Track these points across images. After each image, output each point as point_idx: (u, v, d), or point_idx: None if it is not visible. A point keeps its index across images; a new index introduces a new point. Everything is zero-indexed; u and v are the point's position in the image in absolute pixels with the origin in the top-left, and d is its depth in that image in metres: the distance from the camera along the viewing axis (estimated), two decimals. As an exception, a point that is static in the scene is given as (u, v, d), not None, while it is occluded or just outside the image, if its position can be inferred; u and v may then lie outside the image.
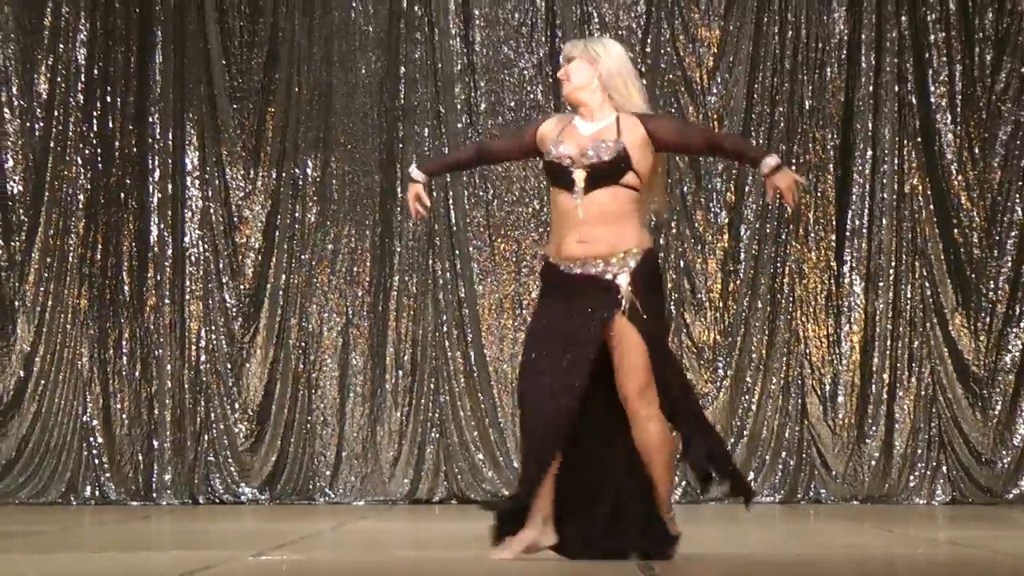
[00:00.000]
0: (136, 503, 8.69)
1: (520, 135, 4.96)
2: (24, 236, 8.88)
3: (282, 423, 8.82)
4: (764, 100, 8.93)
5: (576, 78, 4.78)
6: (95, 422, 8.78)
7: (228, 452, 8.80)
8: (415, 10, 8.98)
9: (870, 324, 8.82)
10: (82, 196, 8.89)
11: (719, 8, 8.96)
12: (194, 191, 8.96)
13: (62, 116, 8.91)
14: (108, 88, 8.93)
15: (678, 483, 8.74)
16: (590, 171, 4.68)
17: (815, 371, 8.82)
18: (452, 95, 8.93)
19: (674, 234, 8.91)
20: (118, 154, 8.91)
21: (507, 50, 8.96)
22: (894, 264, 8.86)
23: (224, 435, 8.81)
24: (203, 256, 8.92)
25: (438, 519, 7.59)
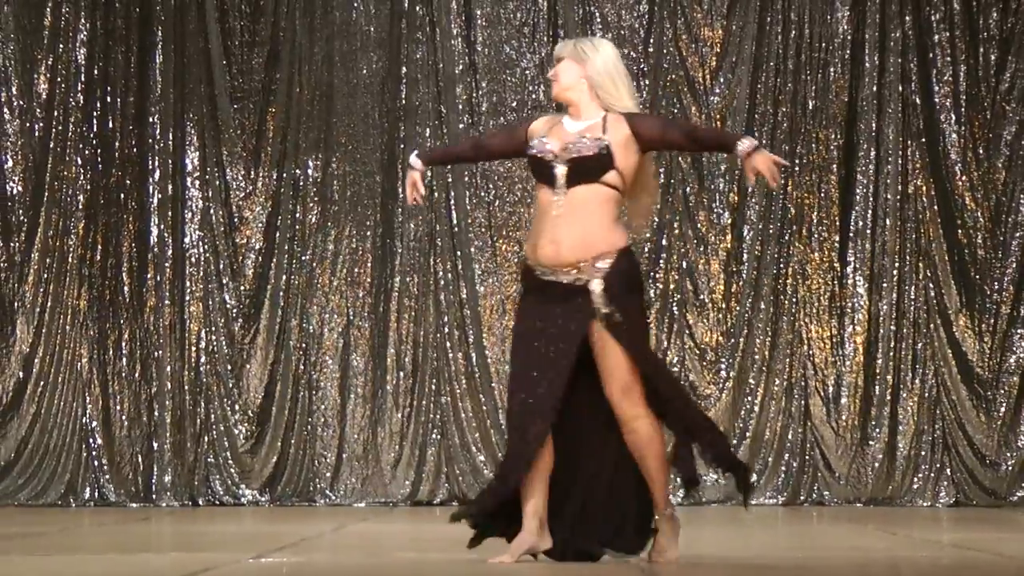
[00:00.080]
0: (136, 505, 8.67)
1: (514, 132, 4.96)
2: (23, 237, 8.86)
3: (282, 424, 8.80)
4: (767, 100, 8.91)
5: (564, 78, 4.78)
6: (95, 423, 8.75)
7: (228, 454, 8.77)
8: (416, 10, 8.95)
9: (873, 325, 8.79)
10: (82, 196, 8.87)
11: (722, 8, 8.94)
12: (194, 192, 8.93)
13: (62, 116, 8.89)
14: (108, 88, 8.90)
15: (679, 485, 8.70)
16: (571, 166, 4.69)
17: (818, 372, 8.80)
18: (454, 95, 8.90)
19: (676, 235, 8.88)
20: (118, 154, 8.89)
21: (509, 50, 8.93)
22: (898, 265, 8.83)
23: (224, 437, 8.78)
24: (203, 257, 8.90)
25: (439, 521, 7.55)
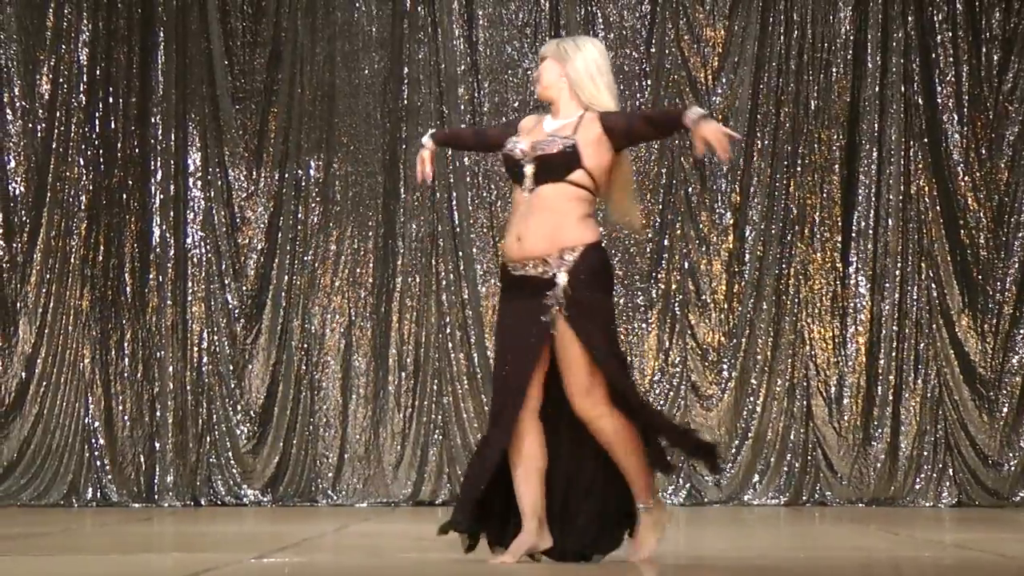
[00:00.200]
0: (138, 505, 8.67)
1: (508, 127, 4.97)
2: (26, 237, 8.86)
3: (284, 425, 8.80)
4: (769, 100, 8.90)
5: (545, 77, 4.81)
6: (97, 424, 8.75)
7: (230, 454, 8.77)
8: (418, 10, 8.96)
9: (876, 326, 8.79)
10: (84, 197, 8.88)
11: (724, 8, 8.94)
12: (196, 192, 8.94)
13: (64, 117, 8.89)
14: (110, 89, 8.91)
15: (681, 486, 8.71)
16: (538, 165, 4.70)
17: (820, 373, 8.79)
18: (455, 96, 8.90)
19: (679, 235, 8.88)
20: (120, 155, 8.90)
21: (510, 50, 8.93)
22: (900, 265, 8.83)
23: (226, 437, 8.78)
24: (205, 257, 8.90)
25: (441, 521, 7.54)
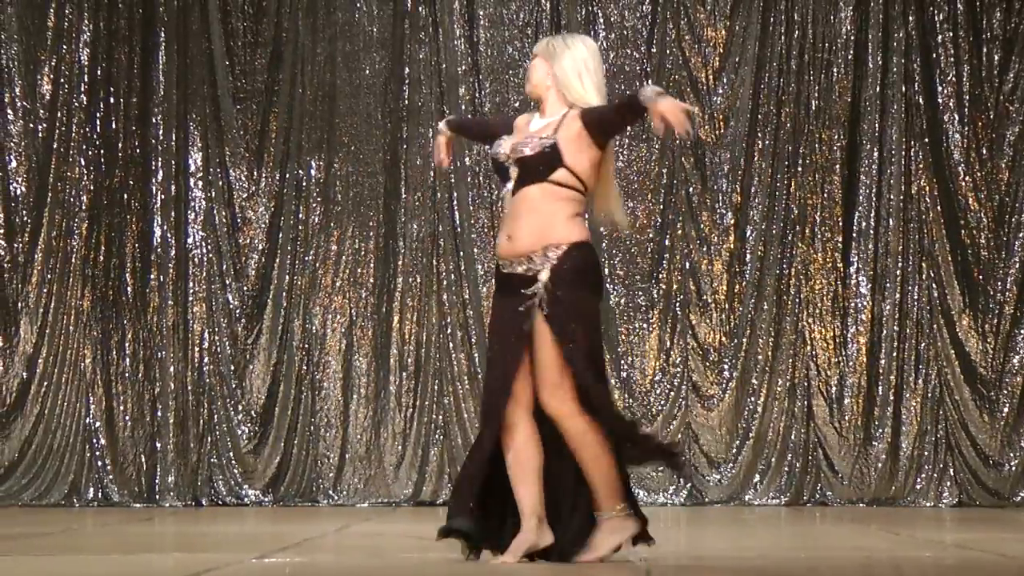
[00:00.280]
0: (139, 505, 8.67)
1: (507, 123, 4.96)
2: (27, 237, 8.86)
3: (285, 425, 8.80)
4: (770, 101, 8.90)
5: (533, 75, 4.81)
6: (98, 424, 8.76)
7: (231, 454, 8.78)
8: (419, 11, 8.96)
9: (877, 326, 8.79)
10: (85, 197, 8.88)
11: (725, 8, 8.94)
12: (197, 192, 8.94)
13: (65, 117, 8.89)
14: (111, 89, 8.91)
15: (682, 486, 8.71)
16: (520, 166, 4.70)
17: (821, 373, 8.79)
18: (456, 96, 8.90)
19: (679, 235, 8.88)
20: (121, 155, 8.90)
21: (511, 51, 8.93)
22: (901, 265, 8.82)
23: (227, 437, 8.78)
24: (206, 257, 8.90)
25: (442, 521, 7.54)
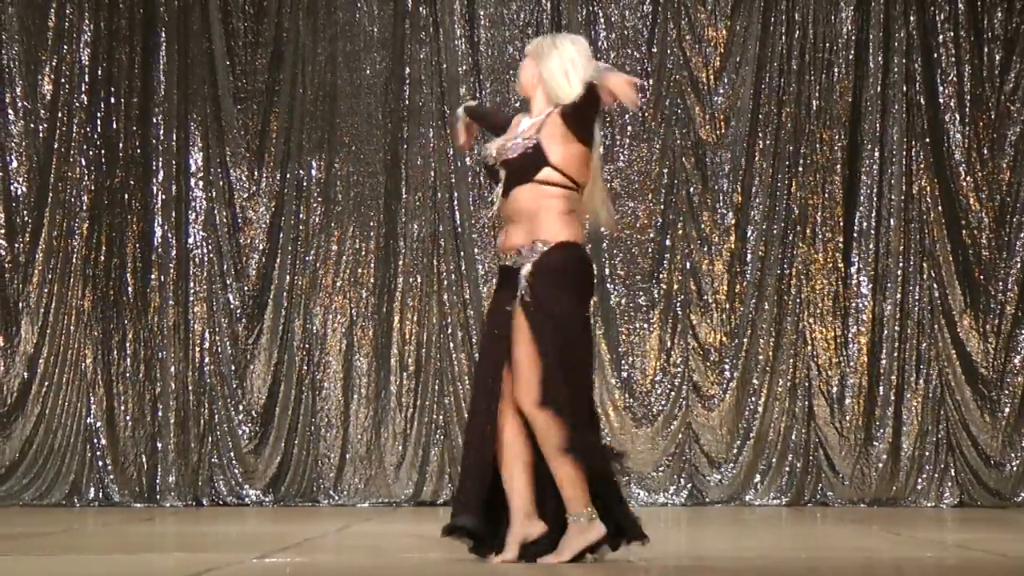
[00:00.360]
0: (140, 505, 8.67)
1: (507, 122, 4.96)
2: (28, 237, 8.86)
3: (286, 425, 8.80)
4: (771, 101, 8.90)
5: (522, 76, 4.83)
6: (99, 424, 8.75)
7: (232, 454, 8.77)
8: (420, 11, 8.95)
9: (878, 326, 8.79)
10: (86, 197, 8.88)
11: (726, 8, 8.93)
12: (198, 192, 8.94)
13: (66, 117, 8.89)
14: (112, 89, 8.91)
15: (682, 486, 8.71)
16: (507, 168, 4.70)
17: (822, 373, 8.79)
18: (457, 96, 8.90)
19: (680, 235, 8.88)
20: (122, 155, 8.90)
21: (512, 51, 8.92)
22: (902, 265, 8.82)
23: (228, 437, 8.78)
24: (207, 257, 8.90)
25: (442, 521, 7.54)
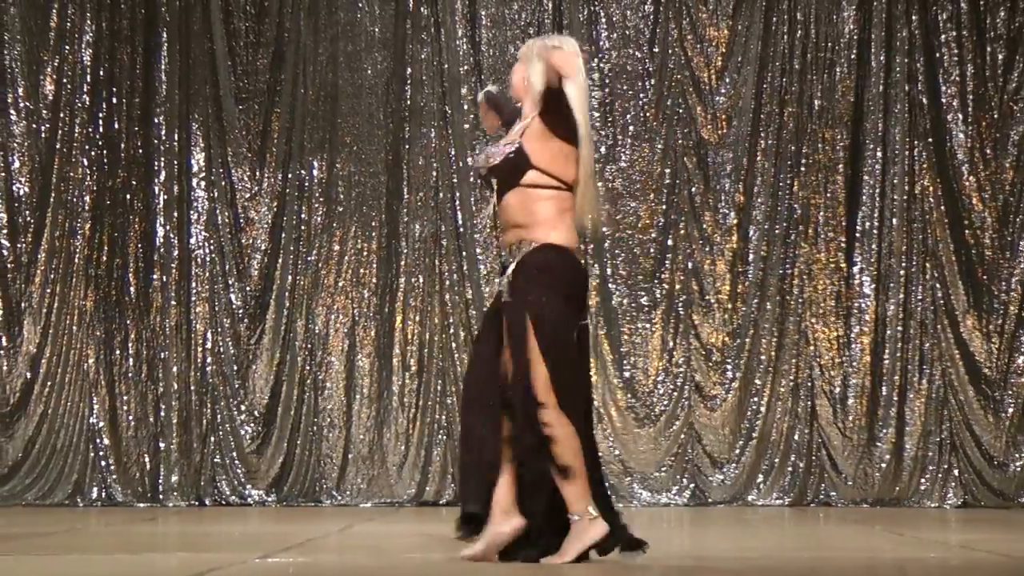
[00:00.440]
0: (142, 505, 8.67)
1: (516, 116, 4.97)
2: (30, 237, 8.87)
3: (288, 425, 8.80)
4: (773, 100, 8.90)
5: (513, 79, 4.84)
6: (101, 424, 8.76)
7: (235, 454, 8.77)
8: (421, 11, 8.95)
9: (880, 326, 8.78)
10: (88, 197, 8.88)
11: (727, 8, 8.93)
12: (200, 192, 8.94)
13: (68, 117, 8.90)
14: (114, 89, 8.91)
15: (685, 487, 8.70)
16: (495, 175, 4.73)
17: (825, 373, 8.78)
18: (458, 96, 8.90)
19: (682, 235, 8.87)
20: (124, 155, 8.90)
21: (514, 50, 8.91)
22: (904, 265, 8.81)
23: (230, 437, 8.78)
24: (209, 257, 8.90)
25: (445, 521, 7.55)
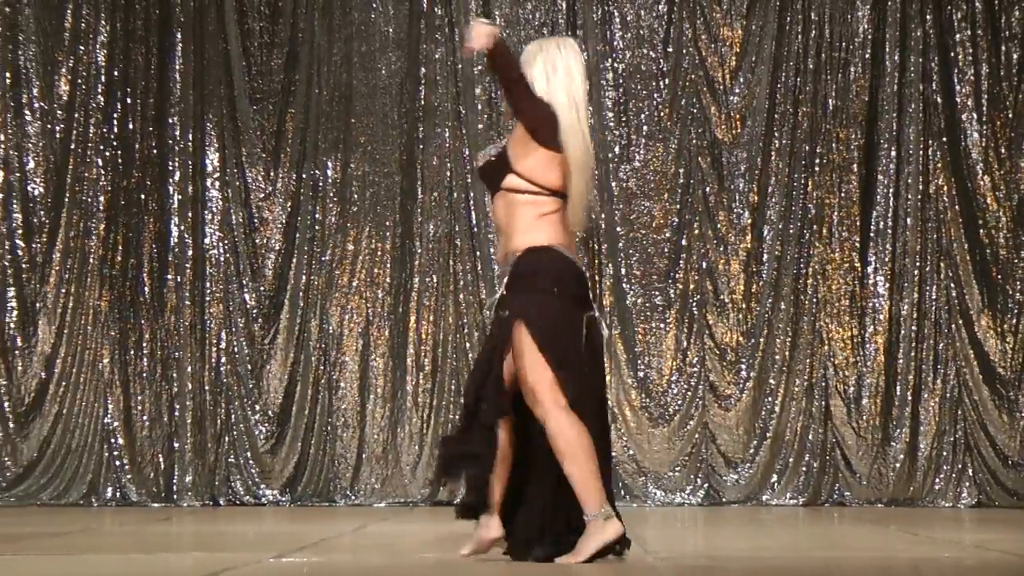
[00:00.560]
0: (157, 505, 8.69)
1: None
2: (45, 238, 8.89)
3: (302, 425, 8.81)
4: (787, 100, 8.88)
5: None
6: (116, 423, 8.78)
7: (249, 454, 8.79)
8: (435, 10, 8.96)
9: (895, 326, 8.76)
10: (102, 198, 8.90)
11: (741, 7, 8.92)
12: (214, 192, 8.95)
13: (82, 118, 8.92)
14: (128, 90, 8.93)
15: (699, 486, 8.69)
16: (483, 178, 4.72)
17: (839, 373, 8.76)
18: (472, 95, 8.90)
19: (696, 235, 8.87)
20: (138, 156, 8.92)
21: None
22: (919, 265, 8.79)
23: (245, 437, 8.80)
24: (223, 258, 8.91)
25: (459, 521, 7.54)
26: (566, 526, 4.65)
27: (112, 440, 8.77)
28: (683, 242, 8.86)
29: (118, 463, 8.75)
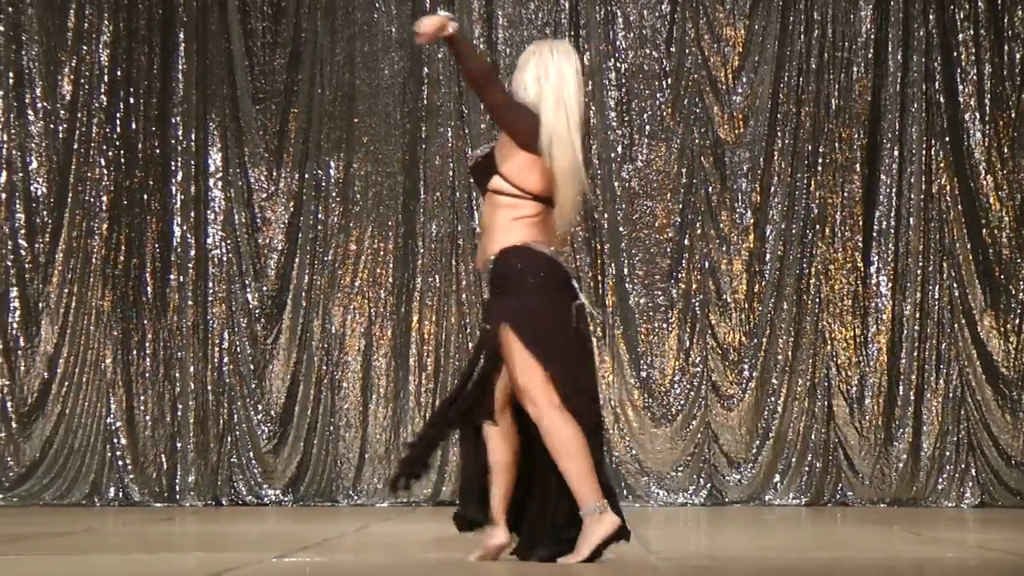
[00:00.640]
0: (159, 505, 8.69)
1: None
2: (48, 238, 8.90)
3: (305, 425, 8.81)
4: (790, 100, 8.88)
5: (511, 86, 4.80)
6: (119, 423, 8.78)
7: (251, 454, 8.79)
8: (438, 11, 8.93)
9: (897, 325, 8.76)
10: (105, 198, 8.90)
11: (744, 7, 8.91)
12: (217, 192, 8.96)
13: (85, 118, 8.92)
14: (131, 89, 8.94)
15: (701, 486, 8.69)
16: (472, 178, 4.74)
17: (841, 373, 8.76)
18: (475, 95, 8.88)
19: (699, 235, 8.86)
20: (141, 155, 8.92)
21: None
22: (922, 265, 8.79)
23: (247, 437, 8.80)
24: (226, 257, 8.92)
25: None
26: (570, 521, 4.66)
27: (115, 440, 8.78)
28: (686, 242, 8.86)
29: (121, 463, 8.76)
